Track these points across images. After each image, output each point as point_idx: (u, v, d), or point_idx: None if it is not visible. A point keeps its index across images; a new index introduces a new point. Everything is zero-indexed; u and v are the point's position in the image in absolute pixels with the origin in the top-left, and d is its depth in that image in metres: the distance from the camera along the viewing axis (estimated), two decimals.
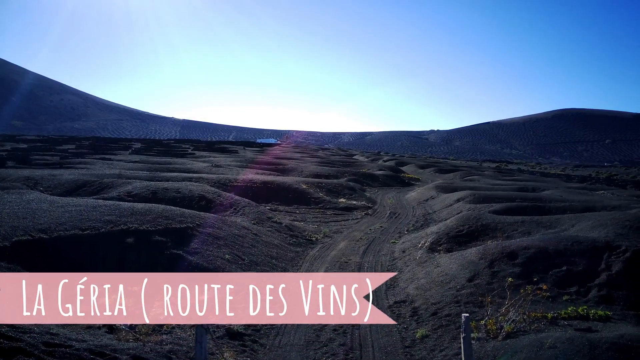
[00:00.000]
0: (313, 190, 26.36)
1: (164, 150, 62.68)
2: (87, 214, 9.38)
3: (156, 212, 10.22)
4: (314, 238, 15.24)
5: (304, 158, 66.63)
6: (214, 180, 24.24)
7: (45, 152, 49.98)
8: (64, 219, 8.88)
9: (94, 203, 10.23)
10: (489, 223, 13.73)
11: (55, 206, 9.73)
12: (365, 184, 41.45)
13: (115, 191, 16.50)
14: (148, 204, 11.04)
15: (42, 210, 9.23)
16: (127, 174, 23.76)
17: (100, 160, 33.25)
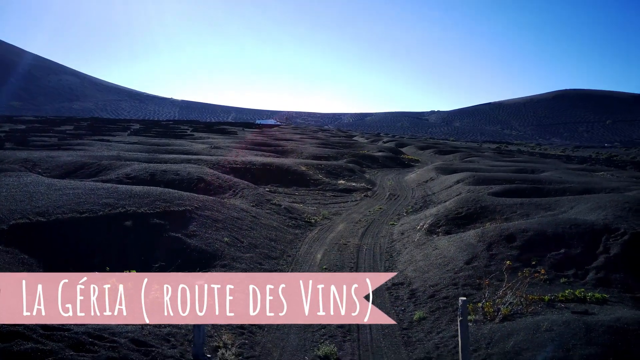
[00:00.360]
0: (312, 172, 26.31)
1: (163, 132, 62.44)
2: (85, 196, 9.34)
3: (154, 195, 10.19)
4: (313, 220, 15.25)
5: (304, 139, 66.42)
6: (213, 162, 24.17)
7: (43, 133, 49.79)
8: (62, 202, 8.86)
9: (92, 186, 10.19)
10: (487, 205, 13.72)
11: (53, 189, 9.69)
12: (364, 166, 41.39)
13: (113, 173, 16.46)
14: (146, 187, 11.00)
15: (39, 194, 9.19)
16: (126, 156, 23.68)
17: (98, 142, 33.13)
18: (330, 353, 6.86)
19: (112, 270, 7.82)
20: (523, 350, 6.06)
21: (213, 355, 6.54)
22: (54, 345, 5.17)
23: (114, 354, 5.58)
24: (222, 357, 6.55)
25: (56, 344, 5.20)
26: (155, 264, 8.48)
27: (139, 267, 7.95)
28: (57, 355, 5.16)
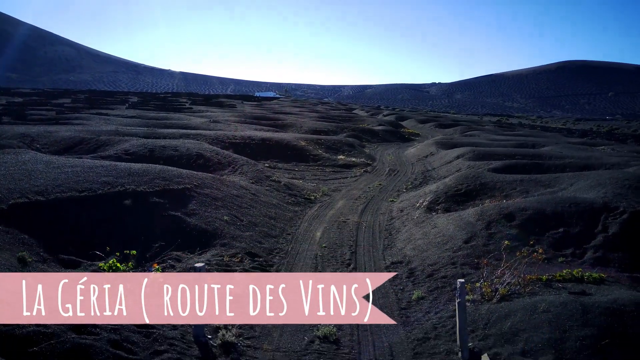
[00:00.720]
0: (312, 147, 26.22)
1: (161, 105, 62.02)
2: (83, 174, 9.31)
3: (153, 173, 10.15)
4: (312, 197, 15.26)
5: (303, 113, 66.04)
6: (212, 137, 24.06)
7: (41, 106, 49.44)
8: (61, 180, 8.83)
9: (91, 163, 10.15)
10: (487, 182, 13.71)
11: (52, 167, 9.65)
12: (364, 140, 41.26)
13: (112, 149, 16.39)
14: (145, 164, 10.95)
15: (38, 172, 9.15)
16: (124, 130, 23.56)
17: (96, 116, 32.91)
18: (329, 333, 6.95)
19: (113, 250, 7.85)
20: (520, 331, 6.13)
21: (214, 336, 6.62)
22: (55, 328, 5.22)
23: (115, 336, 5.64)
24: (222, 337, 6.63)
25: (57, 327, 5.25)
26: (155, 244, 8.51)
27: (138, 246, 7.98)
28: (59, 338, 5.21)
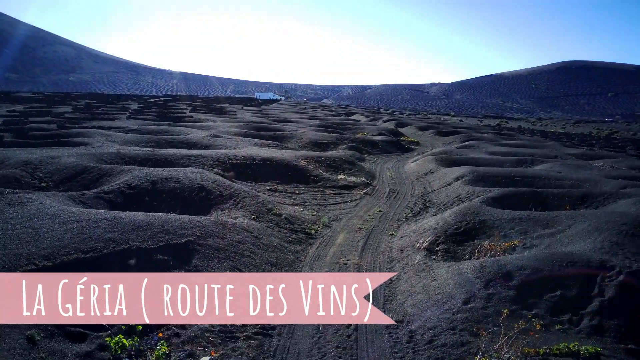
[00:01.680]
0: (312, 166, 26.38)
1: (162, 113, 62.18)
2: (89, 231, 9.45)
3: (157, 225, 10.30)
4: (313, 230, 15.41)
5: (303, 120, 66.23)
6: (214, 158, 24.20)
7: (41, 116, 49.61)
8: (67, 240, 8.96)
9: (95, 217, 10.28)
10: (486, 219, 13.86)
11: (57, 223, 9.78)
12: (364, 152, 41.46)
13: (115, 181, 16.51)
14: (149, 215, 11.07)
15: (44, 230, 9.28)
16: (126, 152, 23.70)
17: (97, 130, 33.02)
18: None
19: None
20: None
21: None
22: None
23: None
24: None
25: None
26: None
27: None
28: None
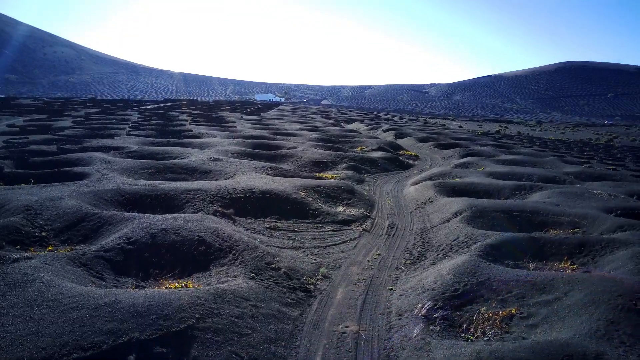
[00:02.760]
0: (312, 198, 26.47)
1: (161, 126, 62.30)
2: (89, 322, 9.52)
3: (156, 309, 10.37)
4: (311, 285, 15.51)
5: (302, 132, 66.38)
6: (213, 194, 24.30)
7: (41, 131, 49.75)
8: (67, 336, 9.02)
9: (95, 302, 10.36)
10: (484, 281, 13.98)
11: (58, 312, 9.86)
12: (363, 171, 41.63)
13: (115, 233, 16.60)
14: (149, 295, 11.13)
15: (44, 323, 9.36)
16: (125, 188, 23.79)
17: (98, 156, 33.12)
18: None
19: None
20: None
21: None
22: None
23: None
24: None
25: None
26: None
27: None
28: None
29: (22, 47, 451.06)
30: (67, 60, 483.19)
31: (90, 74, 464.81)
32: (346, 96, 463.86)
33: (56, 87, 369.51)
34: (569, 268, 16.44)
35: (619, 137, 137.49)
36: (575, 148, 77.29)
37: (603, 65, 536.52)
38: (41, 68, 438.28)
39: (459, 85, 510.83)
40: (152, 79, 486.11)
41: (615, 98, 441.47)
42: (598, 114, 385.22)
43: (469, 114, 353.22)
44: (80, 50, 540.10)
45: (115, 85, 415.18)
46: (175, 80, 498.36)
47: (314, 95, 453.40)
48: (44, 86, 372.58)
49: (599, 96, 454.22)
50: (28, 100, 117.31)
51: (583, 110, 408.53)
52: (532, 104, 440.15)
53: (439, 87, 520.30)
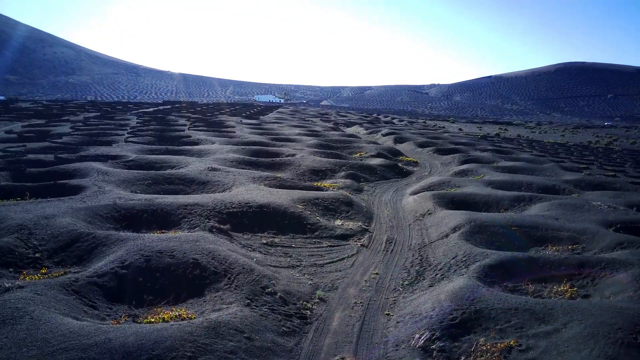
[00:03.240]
0: (309, 211, 26.27)
1: (160, 131, 62.14)
2: None
3: (147, 349, 10.11)
4: (308, 311, 15.31)
5: (302, 137, 66.18)
6: (210, 209, 24.11)
7: (40, 139, 49.59)
8: None
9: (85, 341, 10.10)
10: (482, 309, 13.78)
11: (46, 352, 9.55)
12: (362, 180, 41.45)
13: (109, 255, 16.40)
14: (139, 333, 10.93)
15: None
16: (122, 204, 23.59)
17: (95, 166, 32.93)
18: None
19: None
20: None
21: None
22: None
23: None
24: None
25: None
26: None
27: None
28: None
29: (22, 48, 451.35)
30: (67, 60, 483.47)
31: (90, 74, 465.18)
32: (346, 97, 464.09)
33: (56, 88, 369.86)
34: (568, 291, 16.26)
35: (619, 139, 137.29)
36: (575, 152, 77.17)
37: (603, 66, 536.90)
38: (41, 69, 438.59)
39: (458, 86, 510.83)
40: (152, 80, 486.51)
41: (615, 99, 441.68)
42: (598, 114, 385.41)
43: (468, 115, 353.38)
44: (79, 50, 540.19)
45: (115, 86, 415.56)
46: (175, 81, 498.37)
47: (314, 95, 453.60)
48: (44, 87, 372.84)
49: (599, 97, 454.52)
50: (27, 103, 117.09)
51: (583, 111, 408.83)
52: (532, 104, 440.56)
53: (438, 88, 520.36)
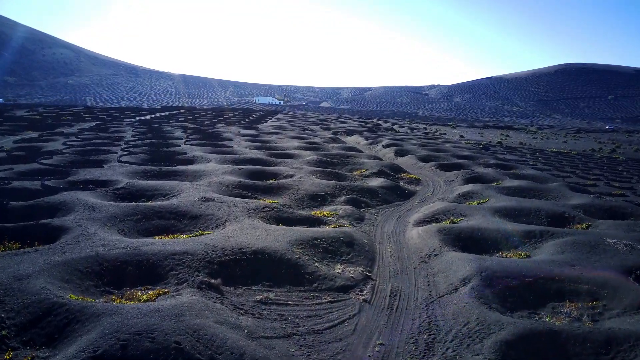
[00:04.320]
0: (308, 256, 24.55)
1: (155, 146, 60.52)
2: None
3: None
4: None
5: (301, 152, 64.61)
6: (200, 259, 22.39)
7: (28, 159, 47.93)
8: None
9: None
10: None
11: None
12: (364, 205, 39.94)
13: (83, 338, 14.70)
14: None
15: None
16: (104, 254, 21.87)
17: (82, 199, 31.22)
18: None
19: None
20: None
21: None
22: None
23: None
24: None
25: None
26: None
27: None
28: None
29: (21, 49, 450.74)
30: (66, 61, 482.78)
31: (89, 75, 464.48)
32: (346, 98, 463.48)
33: (55, 89, 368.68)
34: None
35: (622, 145, 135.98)
36: (580, 164, 75.62)
37: (603, 67, 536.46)
38: (40, 70, 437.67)
39: (458, 87, 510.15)
40: (152, 81, 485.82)
41: (615, 100, 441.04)
42: (598, 116, 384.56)
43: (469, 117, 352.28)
44: (79, 51, 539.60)
45: (115, 87, 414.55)
46: (175, 82, 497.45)
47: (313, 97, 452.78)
48: (43, 88, 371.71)
49: (599, 98, 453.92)
50: (23, 111, 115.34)
51: (583, 113, 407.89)
52: (533, 106, 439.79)
53: (438, 89, 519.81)
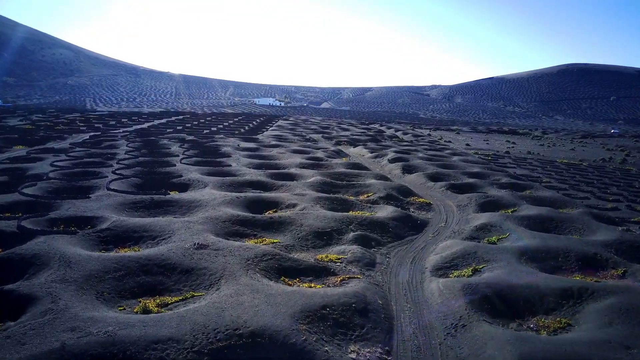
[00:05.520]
0: (315, 336, 20.94)
1: (150, 164, 56.91)
2: None
3: None
4: None
5: (303, 172, 61.14)
6: (187, 347, 18.76)
7: (11, 183, 44.59)
8: None
9: None
10: None
11: None
12: (374, 243, 36.65)
13: None
14: None
15: None
16: (72, 345, 18.29)
17: (58, 250, 27.69)
18: None
19: None
20: None
21: None
22: None
23: None
24: None
25: None
26: None
27: None
28: None
29: (20, 49, 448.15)
30: (66, 62, 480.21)
31: (89, 76, 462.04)
32: (346, 99, 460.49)
33: (54, 90, 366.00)
34: None
35: (631, 153, 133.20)
36: (595, 180, 72.32)
37: (605, 68, 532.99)
38: (39, 70, 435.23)
39: (459, 88, 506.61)
40: (152, 81, 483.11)
41: (617, 101, 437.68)
42: (601, 117, 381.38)
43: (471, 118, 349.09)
44: (78, 51, 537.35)
45: (115, 87, 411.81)
46: (175, 82, 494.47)
47: (314, 97, 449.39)
48: (42, 89, 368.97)
49: (602, 99, 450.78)
50: (17, 120, 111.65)
51: (586, 114, 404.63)
52: (535, 107, 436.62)
53: (439, 90, 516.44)
